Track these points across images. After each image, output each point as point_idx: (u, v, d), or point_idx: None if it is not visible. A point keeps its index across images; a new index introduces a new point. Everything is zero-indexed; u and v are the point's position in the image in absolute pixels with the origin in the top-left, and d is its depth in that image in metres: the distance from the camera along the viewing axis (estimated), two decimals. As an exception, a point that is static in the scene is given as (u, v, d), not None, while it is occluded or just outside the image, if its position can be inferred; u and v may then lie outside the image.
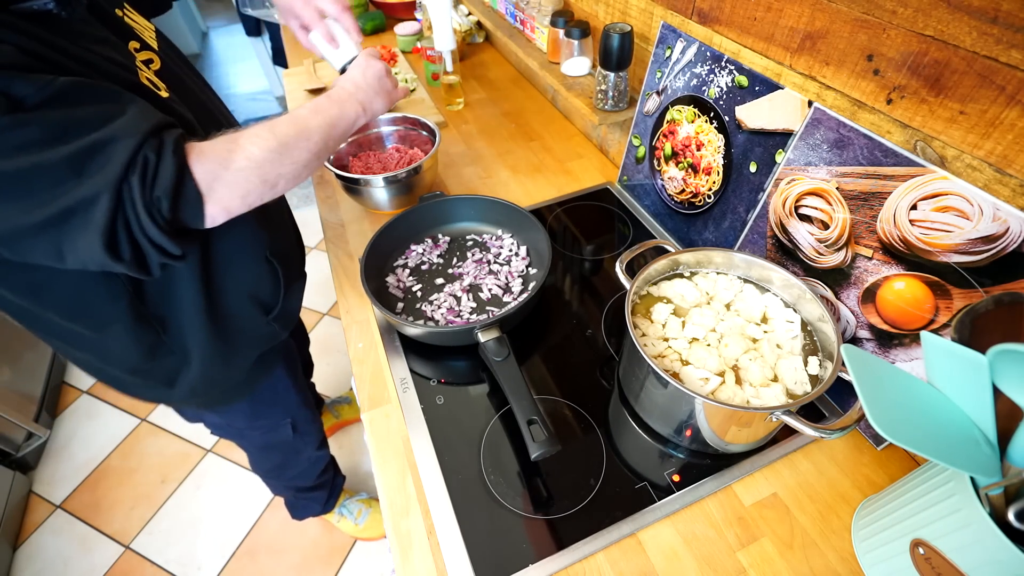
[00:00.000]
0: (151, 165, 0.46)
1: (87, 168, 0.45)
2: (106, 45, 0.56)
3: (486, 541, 0.59)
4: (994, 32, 0.45)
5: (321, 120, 0.62)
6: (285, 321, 0.84)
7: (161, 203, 0.47)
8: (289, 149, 0.57)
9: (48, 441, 1.66)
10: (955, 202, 0.50)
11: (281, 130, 0.57)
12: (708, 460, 0.65)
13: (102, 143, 0.45)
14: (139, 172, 0.46)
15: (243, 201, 0.54)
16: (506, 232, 0.94)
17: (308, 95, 1.39)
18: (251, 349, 0.80)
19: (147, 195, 0.46)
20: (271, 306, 0.79)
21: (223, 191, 0.52)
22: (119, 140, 0.46)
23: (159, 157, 0.47)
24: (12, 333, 1.63)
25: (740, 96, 0.72)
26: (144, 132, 0.47)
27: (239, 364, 0.79)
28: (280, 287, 0.79)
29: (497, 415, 0.70)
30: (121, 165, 0.45)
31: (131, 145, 0.46)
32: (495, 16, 1.36)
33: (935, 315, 0.54)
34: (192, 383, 0.75)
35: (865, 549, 0.55)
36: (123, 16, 0.63)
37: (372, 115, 0.72)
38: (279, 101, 3.19)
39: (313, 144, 0.60)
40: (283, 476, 1.19)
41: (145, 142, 0.46)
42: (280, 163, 0.56)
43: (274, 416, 0.98)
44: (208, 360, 0.74)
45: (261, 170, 0.54)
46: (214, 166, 0.51)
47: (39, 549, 1.45)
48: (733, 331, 0.65)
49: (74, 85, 0.46)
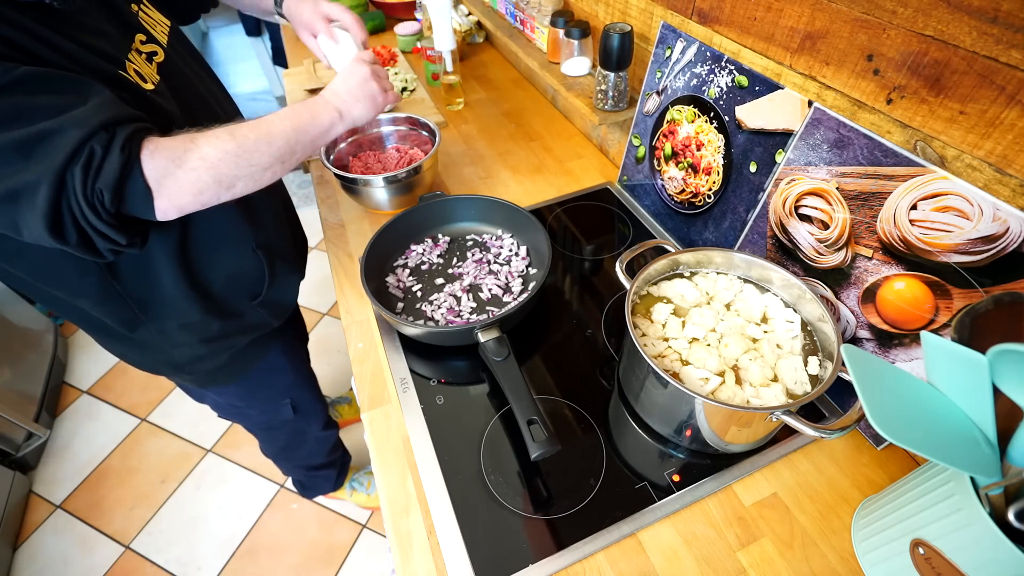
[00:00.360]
0: (96, 158, 0.47)
1: (34, 154, 0.46)
2: (99, 36, 0.57)
3: (486, 541, 0.59)
4: (994, 32, 0.45)
5: (288, 126, 0.62)
6: (274, 310, 0.86)
7: (103, 195, 0.48)
8: (247, 152, 0.57)
9: (48, 441, 1.66)
10: (955, 202, 0.50)
11: (241, 133, 0.58)
12: (708, 460, 0.65)
13: (50, 132, 0.46)
14: (83, 163, 0.47)
15: (196, 199, 0.55)
16: (506, 232, 0.94)
17: (308, 95, 1.39)
18: (239, 334, 0.83)
19: (88, 186, 0.48)
20: (256, 293, 0.81)
21: (173, 188, 0.52)
22: (67, 131, 0.47)
23: (106, 151, 0.48)
24: (12, 333, 1.63)
25: (740, 96, 0.72)
26: (94, 125, 0.48)
27: (225, 345, 0.82)
28: (264, 276, 0.80)
29: (497, 415, 0.70)
30: (65, 155, 0.46)
31: (77, 136, 0.47)
32: (495, 16, 1.36)
33: (935, 315, 0.54)
34: (178, 359, 0.78)
35: (865, 549, 0.55)
36: (137, 11, 0.65)
37: (353, 121, 0.71)
38: (279, 101, 3.19)
39: (275, 149, 0.60)
40: (293, 457, 1.23)
41: (94, 135, 0.47)
42: (236, 165, 0.57)
43: (272, 397, 1.01)
44: (191, 339, 0.76)
45: (215, 170, 0.55)
46: (166, 163, 0.52)
47: (39, 549, 1.45)
48: (733, 331, 0.65)
49: (35, 74, 0.47)
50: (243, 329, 0.82)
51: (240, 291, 0.79)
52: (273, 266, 0.81)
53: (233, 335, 0.82)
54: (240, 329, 0.82)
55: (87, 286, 0.64)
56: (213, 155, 0.55)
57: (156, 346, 0.75)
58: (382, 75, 0.75)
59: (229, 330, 0.80)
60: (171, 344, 0.76)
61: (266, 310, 0.84)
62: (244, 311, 0.80)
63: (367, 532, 1.44)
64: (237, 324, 0.80)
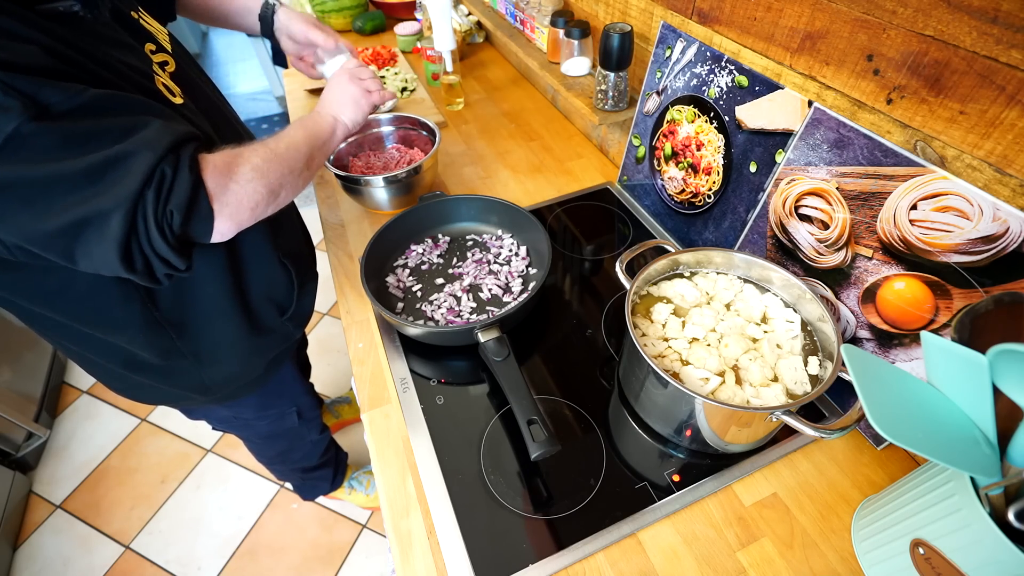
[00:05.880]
0: (167, 180, 0.47)
1: (105, 179, 0.45)
2: (125, 49, 0.56)
3: (486, 541, 0.59)
4: (994, 32, 0.45)
5: (304, 134, 0.65)
6: (299, 320, 0.87)
7: (173, 217, 0.47)
8: (283, 160, 0.58)
9: (48, 441, 1.66)
10: (955, 202, 0.50)
11: (271, 144, 0.59)
12: (708, 460, 0.65)
13: (124, 155, 0.45)
14: (155, 186, 0.46)
15: (252, 213, 0.55)
16: (506, 232, 0.94)
17: (308, 95, 1.39)
18: (269, 349, 0.83)
19: (160, 209, 0.47)
20: (286, 307, 0.81)
21: (233, 204, 0.52)
22: (140, 153, 0.46)
23: (175, 172, 0.47)
24: (12, 333, 1.63)
25: (740, 96, 0.72)
26: (166, 146, 0.47)
27: (257, 363, 0.82)
28: (294, 287, 0.81)
29: (497, 415, 0.70)
30: (141, 178, 0.45)
31: (151, 158, 0.46)
32: (495, 16, 1.36)
33: (935, 315, 0.54)
34: (207, 382, 0.77)
35: (865, 549, 0.55)
36: (139, 18, 0.64)
37: (351, 122, 0.74)
38: (279, 101, 3.19)
39: (303, 155, 0.62)
40: (288, 460, 1.22)
41: (166, 156, 0.47)
42: (280, 173, 0.57)
43: (282, 405, 1.00)
44: (228, 360, 0.76)
45: (266, 180, 0.55)
46: (224, 179, 0.51)
47: (39, 549, 1.45)
48: (733, 331, 0.65)
49: (103, 97, 0.47)
50: (274, 342, 0.83)
51: (272, 304, 0.79)
52: (300, 276, 0.82)
53: (265, 349, 0.81)
54: (271, 343, 0.82)
55: (129, 316, 0.62)
56: (261, 165, 0.55)
57: (184, 372, 0.73)
58: (364, 76, 0.77)
59: (263, 344, 0.80)
60: (202, 366, 0.74)
61: (293, 322, 0.84)
62: (275, 325, 0.80)
63: (367, 532, 1.44)
64: (269, 338, 0.80)
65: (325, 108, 0.73)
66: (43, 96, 0.43)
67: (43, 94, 0.43)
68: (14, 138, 0.41)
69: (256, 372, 0.83)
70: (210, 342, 0.72)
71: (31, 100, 0.42)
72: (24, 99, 0.42)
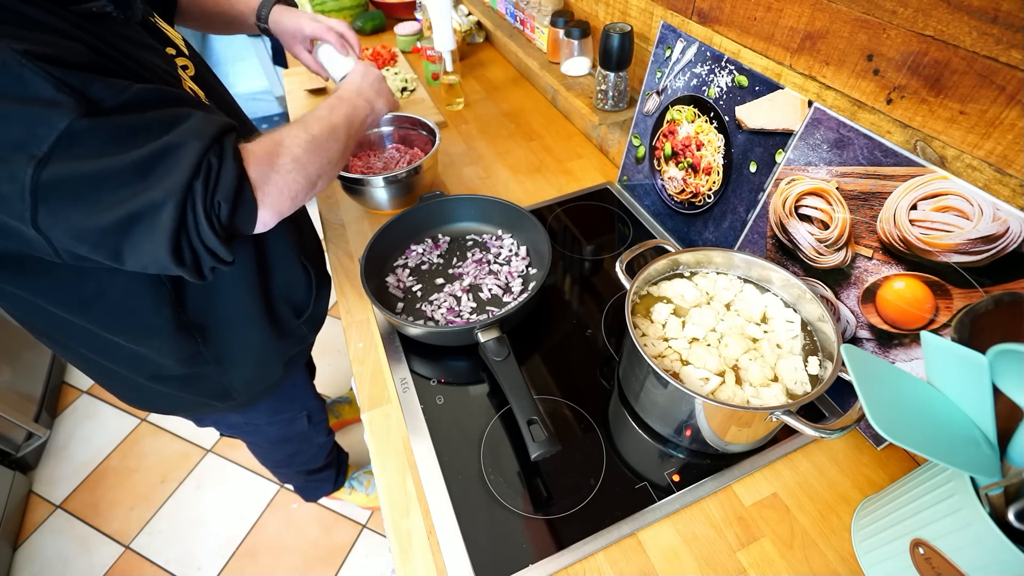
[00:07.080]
0: (214, 169, 0.46)
1: (155, 172, 0.44)
2: (151, 51, 0.56)
3: (486, 541, 0.59)
4: (994, 32, 0.45)
5: (341, 117, 0.63)
6: (314, 323, 0.87)
7: (221, 208, 0.47)
8: (321, 147, 0.58)
9: (48, 441, 1.66)
10: (955, 202, 0.50)
11: (314, 128, 0.58)
12: (708, 460, 0.65)
13: (172, 146, 0.45)
14: (203, 177, 0.46)
15: (292, 202, 0.54)
16: (506, 232, 0.94)
17: (308, 95, 1.39)
18: (286, 352, 0.83)
19: (208, 200, 0.46)
20: (303, 309, 0.82)
21: (275, 193, 0.52)
22: (188, 143, 0.45)
23: (221, 161, 0.47)
24: (12, 333, 1.63)
25: (740, 96, 0.72)
26: (212, 135, 0.47)
27: (275, 366, 0.82)
28: (312, 289, 0.82)
29: (497, 415, 0.70)
30: (190, 168, 0.45)
31: (199, 148, 0.46)
32: (495, 16, 1.36)
33: (935, 315, 0.54)
34: (228, 387, 0.76)
35: (865, 549, 0.55)
36: (155, 22, 0.64)
37: (377, 115, 0.73)
38: (279, 101, 3.19)
39: (340, 140, 0.61)
40: (295, 464, 1.22)
41: (212, 146, 0.47)
42: (318, 161, 0.57)
43: (293, 410, 1.00)
44: (249, 364, 0.76)
45: (305, 169, 0.55)
46: (266, 168, 0.51)
47: (39, 549, 1.45)
48: (733, 331, 0.65)
49: (147, 91, 0.47)
50: (290, 345, 0.82)
51: (289, 306, 0.79)
52: (318, 278, 0.82)
53: (282, 352, 0.81)
54: (288, 346, 0.82)
55: (160, 321, 0.62)
56: (300, 153, 0.54)
57: (207, 378, 0.73)
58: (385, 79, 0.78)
59: (281, 348, 0.80)
60: (224, 371, 0.73)
61: (308, 325, 0.84)
62: (292, 328, 0.80)
63: (367, 532, 1.44)
64: (287, 341, 0.80)
65: (363, 93, 0.71)
66: (93, 92, 0.43)
67: (92, 90, 0.43)
68: (67, 135, 0.41)
69: (275, 376, 0.83)
70: (233, 346, 0.72)
71: (82, 96, 0.42)
72: (75, 95, 0.41)
